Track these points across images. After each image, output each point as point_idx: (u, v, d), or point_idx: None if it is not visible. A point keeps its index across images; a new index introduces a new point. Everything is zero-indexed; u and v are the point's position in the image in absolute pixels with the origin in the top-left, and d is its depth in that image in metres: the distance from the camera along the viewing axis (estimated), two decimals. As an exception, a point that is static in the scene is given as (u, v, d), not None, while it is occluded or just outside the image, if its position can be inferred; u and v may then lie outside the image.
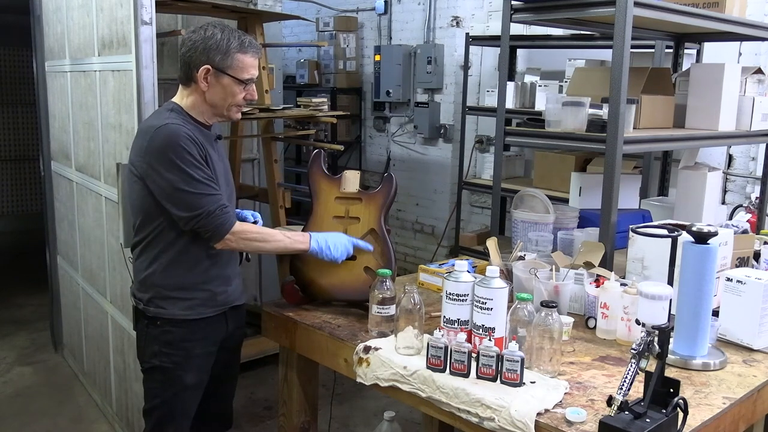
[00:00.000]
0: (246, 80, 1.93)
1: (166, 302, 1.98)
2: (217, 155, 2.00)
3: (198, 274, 1.97)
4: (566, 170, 3.66)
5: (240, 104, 1.97)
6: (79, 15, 3.14)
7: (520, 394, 1.51)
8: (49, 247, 4.07)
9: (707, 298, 1.71)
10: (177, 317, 1.98)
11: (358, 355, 1.79)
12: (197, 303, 1.98)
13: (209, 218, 1.87)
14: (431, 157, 5.83)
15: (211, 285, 2.00)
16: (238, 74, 1.91)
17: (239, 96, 1.94)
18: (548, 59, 4.79)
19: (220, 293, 2.02)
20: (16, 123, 7.17)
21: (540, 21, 2.82)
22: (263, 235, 1.98)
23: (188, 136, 1.86)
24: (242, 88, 1.93)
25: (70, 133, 3.42)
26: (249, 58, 1.92)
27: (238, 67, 1.91)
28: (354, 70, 6.42)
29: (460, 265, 1.75)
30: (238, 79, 1.91)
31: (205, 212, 1.86)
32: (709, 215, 2.76)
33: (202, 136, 1.93)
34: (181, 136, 1.85)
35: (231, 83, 1.91)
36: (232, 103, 1.95)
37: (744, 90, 2.84)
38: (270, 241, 1.98)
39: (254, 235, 1.96)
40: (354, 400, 3.61)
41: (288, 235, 2.00)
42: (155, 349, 2.00)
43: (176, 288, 1.97)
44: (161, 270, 1.97)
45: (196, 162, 1.86)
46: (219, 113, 1.97)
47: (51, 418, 3.38)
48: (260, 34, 3.71)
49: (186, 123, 1.92)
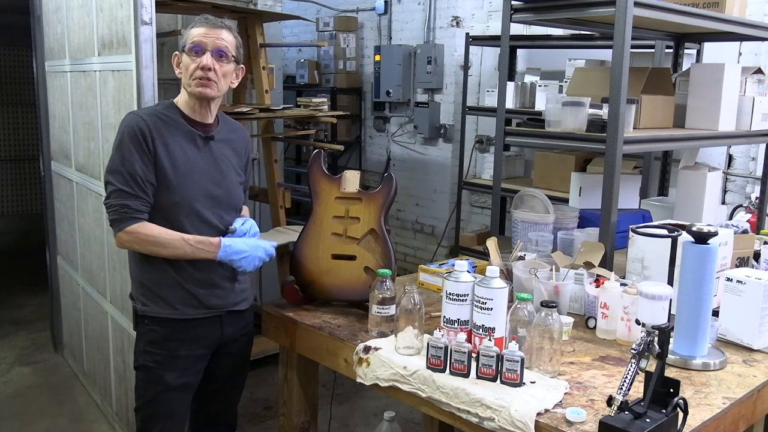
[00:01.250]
0: (190, 47, 1.89)
1: (150, 299, 1.98)
2: (199, 154, 1.96)
3: (176, 273, 1.95)
4: (566, 170, 3.66)
5: (196, 76, 1.90)
6: (79, 15, 3.14)
7: (520, 394, 1.51)
8: (49, 247, 4.07)
9: (707, 298, 1.71)
10: (161, 315, 1.97)
11: (358, 355, 1.79)
12: (179, 302, 1.96)
13: (110, 211, 1.89)
14: (431, 157, 5.83)
15: (191, 286, 1.97)
16: (186, 45, 1.91)
17: (191, 66, 1.89)
18: (548, 59, 4.79)
19: (205, 296, 1.99)
20: (16, 123, 7.16)
21: (540, 21, 2.82)
22: (158, 240, 1.88)
23: (136, 127, 1.87)
24: (192, 58, 1.90)
25: (70, 133, 3.42)
26: (196, 29, 1.91)
27: (186, 40, 1.91)
28: (354, 70, 6.42)
29: (460, 265, 1.75)
30: (185, 49, 1.90)
31: (108, 204, 1.88)
32: (709, 215, 2.76)
33: (173, 131, 1.92)
34: (129, 126, 1.88)
35: (186, 58, 1.91)
36: (188, 75, 1.91)
37: (744, 90, 2.84)
38: (165, 247, 1.89)
39: (149, 239, 1.88)
40: (354, 400, 3.61)
41: (191, 243, 1.90)
42: (141, 348, 2.01)
43: (156, 284, 1.96)
44: (142, 265, 1.98)
45: (128, 155, 1.86)
46: (189, 93, 1.94)
47: (51, 418, 3.38)
48: (260, 34, 3.71)
49: (158, 115, 1.92)
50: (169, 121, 1.94)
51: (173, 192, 1.91)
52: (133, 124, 1.88)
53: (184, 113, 1.97)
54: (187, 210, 1.93)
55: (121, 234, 1.88)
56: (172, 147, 1.91)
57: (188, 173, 1.93)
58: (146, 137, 1.87)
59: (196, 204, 1.94)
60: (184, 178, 1.92)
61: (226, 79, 1.96)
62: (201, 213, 1.95)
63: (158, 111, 1.96)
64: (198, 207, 1.94)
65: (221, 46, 1.91)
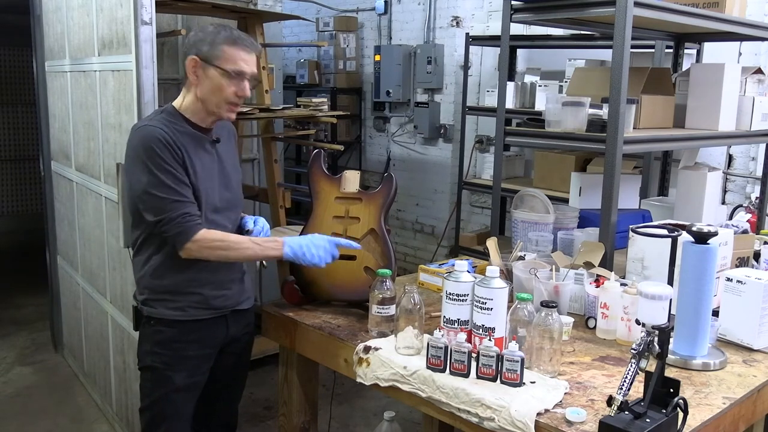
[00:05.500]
0: (233, 72, 1.85)
1: (158, 303, 1.97)
2: (210, 158, 1.96)
3: (188, 278, 1.94)
4: (566, 170, 3.66)
5: (231, 101, 1.89)
6: (79, 15, 3.14)
7: (520, 394, 1.51)
8: (49, 247, 4.07)
9: (707, 298, 1.71)
10: (168, 317, 1.96)
11: (358, 355, 1.79)
12: (188, 305, 1.96)
13: (170, 225, 1.82)
14: (431, 157, 5.83)
15: (203, 289, 1.96)
16: (224, 65, 1.84)
17: (227, 90, 1.86)
18: (548, 59, 4.79)
19: (214, 297, 1.99)
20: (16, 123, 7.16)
21: (540, 21, 2.82)
22: (227, 243, 1.89)
23: (163, 139, 1.82)
24: (231, 82, 1.86)
25: (70, 133, 3.42)
26: (237, 51, 1.86)
27: (224, 58, 1.85)
28: (354, 70, 6.42)
29: (460, 265, 1.75)
30: (224, 70, 1.85)
31: (167, 219, 1.82)
32: (709, 215, 2.76)
33: (187, 139, 1.89)
34: (154, 138, 1.82)
35: (217, 76, 1.85)
36: (222, 98, 1.87)
37: (744, 90, 2.84)
38: (235, 249, 1.89)
39: (217, 244, 1.87)
40: (354, 400, 3.61)
41: (258, 242, 1.92)
42: (147, 348, 2.00)
43: (166, 290, 1.95)
44: (152, 271, 1.96)
45: (166, 166, 1.82)
46: (211, 111, 1.91)
47: (51, 418, 3.38)
48: (260, 34, 3.71)
49: (170, 125, 1.88)
50: (180, 129, 1.90)
51: (197, 201, 1.90)
52: (158, 135, 1.83)
53: (188, 119, 1.93)
54: (206, 217, 1.92)
55: (189, 244, 1.84)
56: (192, 156, 1.90)
57: (205, 180, 1.93)
58: (173, 147, 1.84)
59: (213, 210, 1.94)
60: (205, 186, 1.92)
61: None
62: (216, 218, 1.95)
63: (168, 121, 1.90)
64: (214, 212, 1.95)
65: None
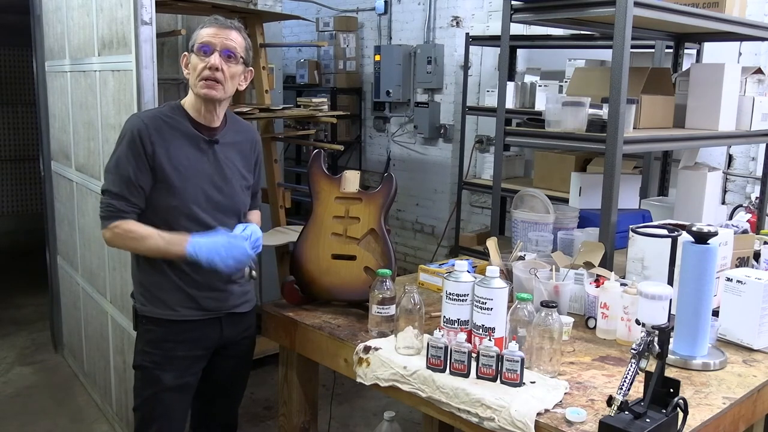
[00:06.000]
0: (199, 46, 1.87)
1: (149, 300, 1.98)
2: (201, 157, 1.94)
3: (176, 275, 1.95)
4: (566, 170, 3.66)
5: (203, 76, 1.88)
6: (79, 15, 3.14)
7: (520, 394, 1.51)
8: (49, 247, 4.07)
9: (707, 298, 1.71)
10: (158, 316, 1.97)
11: (358, 355, 1.79)
12: (178, 304, 1.96)
13: (101, 207, 1.90)
14: (431, 157, 5.83)
15: (191, 289, 1.96)
16: (196, 45, 1.89)
17: (199, 66, 1.88)
18: (548, 59, 4.79)
19: (205, 298, 1.98)
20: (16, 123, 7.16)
21: (540, 21, 2.82)
22: (136, 234, 1.88)
23: (137, 132, 1.87)
24: (200, 58, 1.88)
25: (70, 133, 3.42)
26: (206, 29, 1.90)
27: (196, 41, 1.90)
28: (354, 70, 6.42)
29: (460, 265, 1.75)
30: (195, 49, 1.89)
31: (102, 200, 1.91)
32: (709, 215, 2.76)
33: (176, 134, 1.91)
34: (130, 128, 1.89)
35: (193, 58, 1.90)
36: (196, 76, 1.89)
37: (744, 90, 2.84)
38: (141, 241, 1.89)
39: (128, 234, 1.88)
40: (354, 400, 3.61)
41: (165, 237, 1.88)
42: (139, 348, 2.01)
43: (155, 286, 1.97)
44: (141, 266, 1.98)
45: (128, 155, 1.87)
46: (196, 94, 1.92)
47: (51, 418, 3.38)
48: (260, 34, 3.71)
49: (163, 118, 1.92)
50: (173, 123, 1.92)
51: (173, 195, 1.90)
52: (134, 128, 1.88)
53: (190, 116, 1.95)
54: (187, 214, 1.92)
55: (105, 230, 1.91)
56: (173, 150, 1.90)
57: (189, 177, 1.92)
58: (144, 141, 1.86)
59: (196, 208, 1.93)
60: (185, 182, 1.91)
61: (234, 81, 1.94)
62: (200, 217, 1.94)
63: (163, 113, 1.94)
64: (197, 211, 1.93)
65: (230, 46, 1.90)
